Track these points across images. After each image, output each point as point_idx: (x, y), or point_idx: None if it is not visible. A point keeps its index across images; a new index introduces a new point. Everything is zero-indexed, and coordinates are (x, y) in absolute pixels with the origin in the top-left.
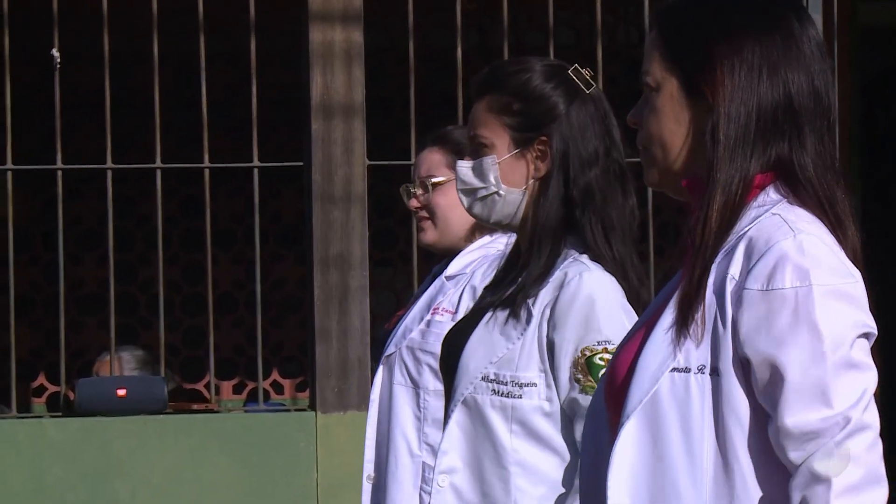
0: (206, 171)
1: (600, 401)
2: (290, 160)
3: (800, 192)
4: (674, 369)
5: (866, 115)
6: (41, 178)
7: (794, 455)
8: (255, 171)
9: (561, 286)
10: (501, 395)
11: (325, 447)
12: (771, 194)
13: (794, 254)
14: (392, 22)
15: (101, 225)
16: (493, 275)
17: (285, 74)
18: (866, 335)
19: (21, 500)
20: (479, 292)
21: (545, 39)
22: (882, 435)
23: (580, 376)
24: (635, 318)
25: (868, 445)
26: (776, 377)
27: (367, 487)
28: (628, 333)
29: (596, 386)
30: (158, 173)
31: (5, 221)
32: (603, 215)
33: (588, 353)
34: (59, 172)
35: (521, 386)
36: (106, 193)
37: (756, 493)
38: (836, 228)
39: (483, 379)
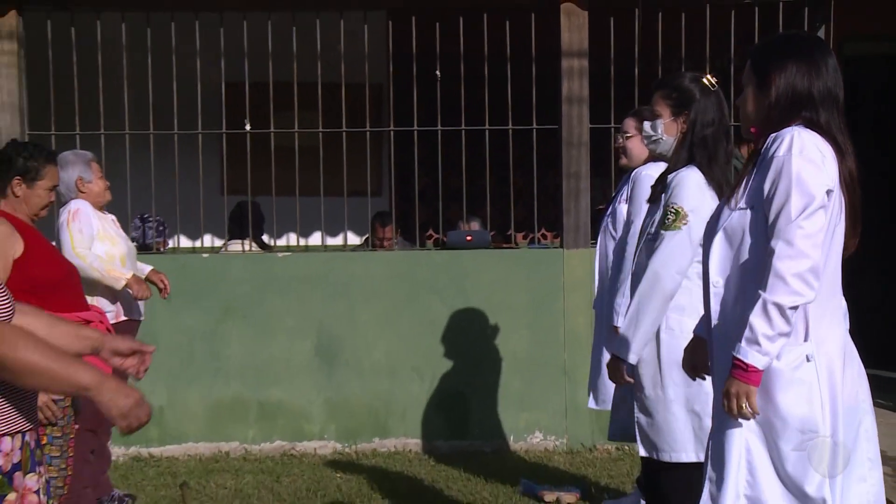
0: (510, 131)
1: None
2: (551, 124)
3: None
4: (739, 207)
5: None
6: (420, 136)
7: (771, 240)
8: (534, 131)
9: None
10: (651, 241)
11: (568, 266)
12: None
13: (787, 137)
14: (601, 57)
15: (457, 157)
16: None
17: (549, 85)
18: (828, 191)
19: (405, 295)
20: (633, 184)
21: (680, 65)
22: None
23: (662, 219)
24: (707, 192)
25: (803, 235)
26: (769, 203)
27: (596, 288)
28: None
29: (666, 223)
30: (486, 133)
31: (395, 164)
32: (711, 153)
33: (665, 208)
34: (437, 132)
35: (656, 236)
36: (449, 145)
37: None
38: (838, 151)
39: (647, 235)
